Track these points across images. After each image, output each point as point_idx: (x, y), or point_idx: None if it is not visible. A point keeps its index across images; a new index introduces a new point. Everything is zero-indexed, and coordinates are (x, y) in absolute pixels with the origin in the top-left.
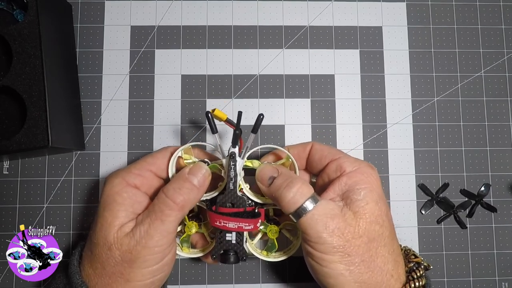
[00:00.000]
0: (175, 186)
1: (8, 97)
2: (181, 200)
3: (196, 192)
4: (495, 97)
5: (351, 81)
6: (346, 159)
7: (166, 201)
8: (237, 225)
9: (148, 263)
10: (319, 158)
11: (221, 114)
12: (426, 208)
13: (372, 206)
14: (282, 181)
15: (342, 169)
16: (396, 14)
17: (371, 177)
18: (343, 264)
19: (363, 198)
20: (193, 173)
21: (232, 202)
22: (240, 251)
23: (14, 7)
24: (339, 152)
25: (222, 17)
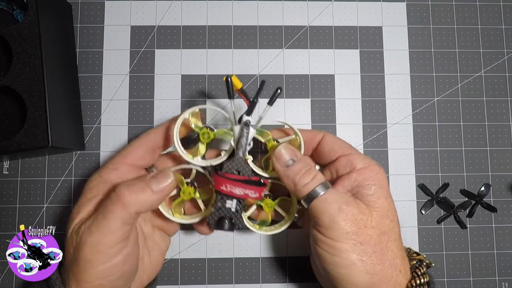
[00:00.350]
0: (129, 183)
1: (8, 97)
2: (126, 196)
3: (150, 195)
4: (495, 97)
5: (351, 81)
6: (357, 155)
7: (111, 196)
8: (243, 192)
9: (91, 263)
10: (329, 151)
11: (238, 82)
12: (426, 208)
13: (382, 201)
14: (301, 167)
15: (352, 165)
16: (396, 14)
17: (379, 174)
18: (355, 254)
19: (374, 193)
20: (157, 178)
21: (238, 170)
22: (237, 220)
23: (14, 7)
24: (350, 147)
25: (222, 17)
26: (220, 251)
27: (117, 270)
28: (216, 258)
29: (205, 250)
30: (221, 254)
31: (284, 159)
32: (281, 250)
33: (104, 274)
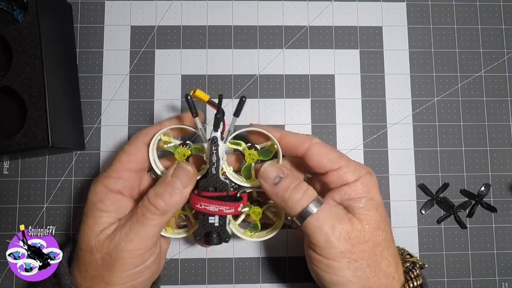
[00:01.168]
0: (157, 191)
1: (8, 97)
2: (162, 205)
3: (179, 195)
4: (495, 97)
5: (351, 81)
6: (347, 168)
7: (148, 206)
8: (217, 208)
9: (127, 267)
10: (317, 165)
11: (203, 94)
12: (426, 208)
13: (373, 213)
14: (289, 183)
15: (343, 180)
16: (396, 14)
17: (369, 185)
18: (350, 271)
19: (364, 205)
20: (176, 175)
21: (214, 187)
22: (223, 233)
23: (14, 7)
24: (339, 158)
25: (222, 17)
26: (220, 251)
27: (148, 271)
28: (216, 258)
29: (205, 250)
30: (221, 254)
31: (270, 177)
32: (281, 250)
33: (137, 276)
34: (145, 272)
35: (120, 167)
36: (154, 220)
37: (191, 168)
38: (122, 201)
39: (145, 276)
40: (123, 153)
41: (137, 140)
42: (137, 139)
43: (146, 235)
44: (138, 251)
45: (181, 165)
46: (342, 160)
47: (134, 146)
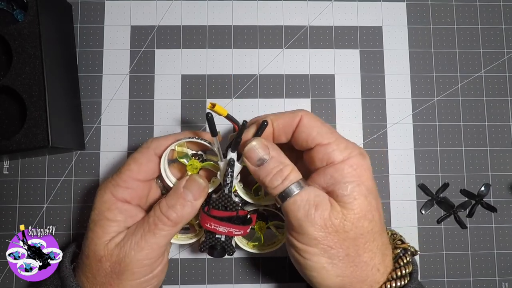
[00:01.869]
0: (170, 202)
1: (8, 97)
2: (174, 217)
3: (191, 207)
4: (495, 97)
5: (351, 81)
6: (336, 146)
7: (160, 217)
8: (227, 230)
9: (136, 276)
10: (305, 137)
11: (222, 110)
12: (426, 208)
13: (361, 202)
14: (272, 167)
15: (330, 159)
16: (396, 14)
17: (360, 168)
18: (325, 257)
19: (350, 193)
20: (188, 187)
21: (225, 206)
22: (228, 248)
23: (14, 7)
24: (330, 133)
25: (222, 17)
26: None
27: (156, 279)
28: (216, 258)
29: None
30: None
31: (254, 158)
32: (281, 250)
33: (145, 284)
34: (153, 281)
35: (129, 176)
36: (165, 231)
37: (203, 181)
38: (130, 210)
39: (153, 284)
40: (133, 162)
41: (148, 150)
42: (148, 149)
43: (157, 244)
44: (148, 260)
45: (194, 178)
46: (333, 136)
47: (145, 155)
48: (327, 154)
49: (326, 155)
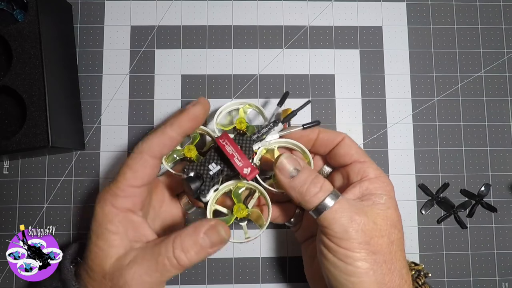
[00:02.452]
0: (184, 246)
1: (8, 97)
2: (185, 262)
3: (205, 255)
4: (495, 97)
5: (351, 81)
6: (371, 164)
7: (171, 259)
8: (233, 152)
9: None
10: (344, 154)
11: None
12: (426, 208)
13: (392, 211)
14: (307, 176)
15: (365, 173)
16: (396, 14)
17: (390, 186)
18: (368, 263)
19: (385, 202)
20: (209, 235)
21: (241, 145)
22: (205, 186)
23: (14, 7)
24: (365, 155)
25: (222, 17)
26: (220, 251)
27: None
28: (216, 258)
29: None
30: (221, 254)
31: (287, 169)
32: (281, 250)
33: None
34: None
35: (125, 185)
36: (172, 272)
37: (225, 234)
38: (131, 219)
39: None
40: (128, 170)
41: (141, 155)
42: (141, 154)
43: (161, 281)
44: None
45: (218, 228)
46: (367, 157)
47: (138, 161)
48: (363, 170)
49: (362, 170)
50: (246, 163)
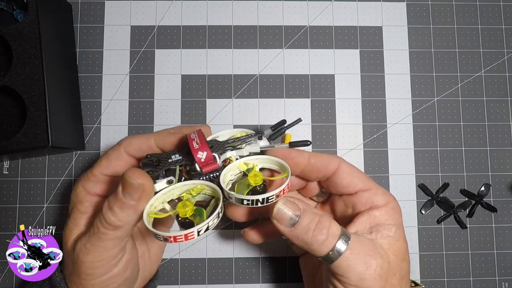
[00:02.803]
0: (110, 204)
1: (8, 97)
2: (113, 220)
3: (132, 209)
4: (495, 97)
5: (351, 81)
6: (377, 190)
7: (101, 219)
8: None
9: (90, 276)
10: (347, 184)
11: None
12: (426, 208)
13: (401, 243)
14: (309, 221)
15: (373, 203)
16: (396, 14)
17: (399, 213)
18: None
19: (394, 234)
20: (126, 190)
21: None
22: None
23: (14, 7)
24: (368, 179)
25: (222, 17)
26: (220, 251)
27: (119, 278)
28: (216, 258)
29: (205, 250)
30: (221, 254)
31: (286, 218)
32: (281, 250)
33: (106, 283)
34: (116, 279)
35: (98, 171)
36: (108, 234)
37: (136, 182)
38: (100, 203)
39: (117, 282)
40: (104, 158)
41: (119, 147)
42: (119, 146)
43: (104, 248)
44: (98, 262)
45: (126, 178)
46: (371, 182)
47: (115, 153)
48: (370, 199)
49: (369, 199)
50: (205, 148)
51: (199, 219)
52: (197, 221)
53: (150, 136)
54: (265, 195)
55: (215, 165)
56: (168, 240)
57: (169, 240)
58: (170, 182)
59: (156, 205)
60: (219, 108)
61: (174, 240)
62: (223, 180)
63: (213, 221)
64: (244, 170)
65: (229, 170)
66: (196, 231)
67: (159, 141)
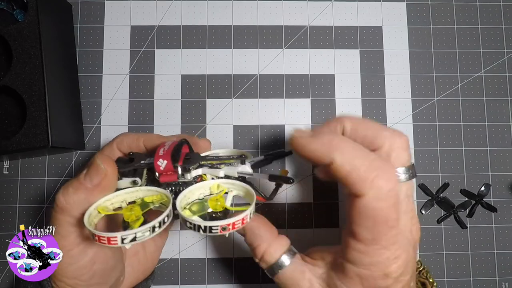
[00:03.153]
0: (65, 185)
1: (8, 97)
2: (62, 201)
3: (85, 193)
4: (495, 97)
5: (351, 81)
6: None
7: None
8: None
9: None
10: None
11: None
12: (426, 208)
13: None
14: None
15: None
16: (396, 14)
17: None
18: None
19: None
20: (89, 173)
21: (190, 157)
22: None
23: (14, 7)
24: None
25: (222, 17)
26: (220, 251)
27: (86, 270)
28: (216, 258)
29: (205, 250)
30: (221, 254)
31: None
32: None
33: (74, 274)
34: (83, 271)
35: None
36: (58, 219)
37: (104, 166)
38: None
39: (85, 275)
40: (99, 153)
41: (112, 144)
42: (113, 142)
43: (58, 234)
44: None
45: (95, 160)
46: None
47: (108, 148)
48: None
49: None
50: (167, 157)
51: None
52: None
53: (140, 136)
54: (208, 223)
55: (173, 177)
56: (93, 237)
57: (94, 238)
58: (134, 182)
59: (115, 201)
60: (219, 108)
61: (98, 240)
62: (186, 196)
63: (143, 233)
64: (214, 193)
65: (198, 188)
66: (120, 237)
67: (148, 143)
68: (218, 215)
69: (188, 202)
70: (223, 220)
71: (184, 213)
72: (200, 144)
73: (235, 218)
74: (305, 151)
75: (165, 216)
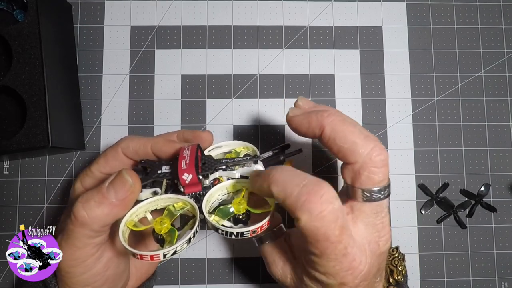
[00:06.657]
0: (86, 197)
1: (8, 97)
2: (83, 215)
3: (109, 208)
4: (495, 97)
5: (351, 81)
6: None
7: (70, 215)
8: (186, 157)
9: (71, 274)
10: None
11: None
12: (426, 208)
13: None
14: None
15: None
16: (396, 14)
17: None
18: None
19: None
20: (114, 186)
21: (205, 162)
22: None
23: (14, 7)
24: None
25: (222, 17)
26: (220, 251)
27: (100, 277)
28: (216, 258)
29: (205, 250)
30: (221, 254)
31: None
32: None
33: (87, 282)
34: (97, 278)
35: (96, 169)
36: (76, 232)
37: (131, 180)
38: None
39: (99, 281)
40: (102, 156)
41: (116, 147)
42: (117, 146)
43: (74, 246)
44: (73, 261)
45: (122, 174)
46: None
47: (112, 152)
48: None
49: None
50: (191, 171)
51: (170, 239)
52: (169, 241)
53: (147, 142)
54: (240, 230)
55: (198, 188)
56: (135, 256)
57: (136, 256)
58: (155, 193)
59: (139, 213)
60: (219, 108)
61: (140, 258)
62: (208, 200)
63: (182, 246)
64: (233, 192)
65: (217, 189)
66: (162, 254)
67: (156, 149)
68: (242, 217)
69: (210, 206)
70: (253, 226)
71: (214, 220)
72: (203, 137)
73: (263, 222)
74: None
75: (197, 225)
